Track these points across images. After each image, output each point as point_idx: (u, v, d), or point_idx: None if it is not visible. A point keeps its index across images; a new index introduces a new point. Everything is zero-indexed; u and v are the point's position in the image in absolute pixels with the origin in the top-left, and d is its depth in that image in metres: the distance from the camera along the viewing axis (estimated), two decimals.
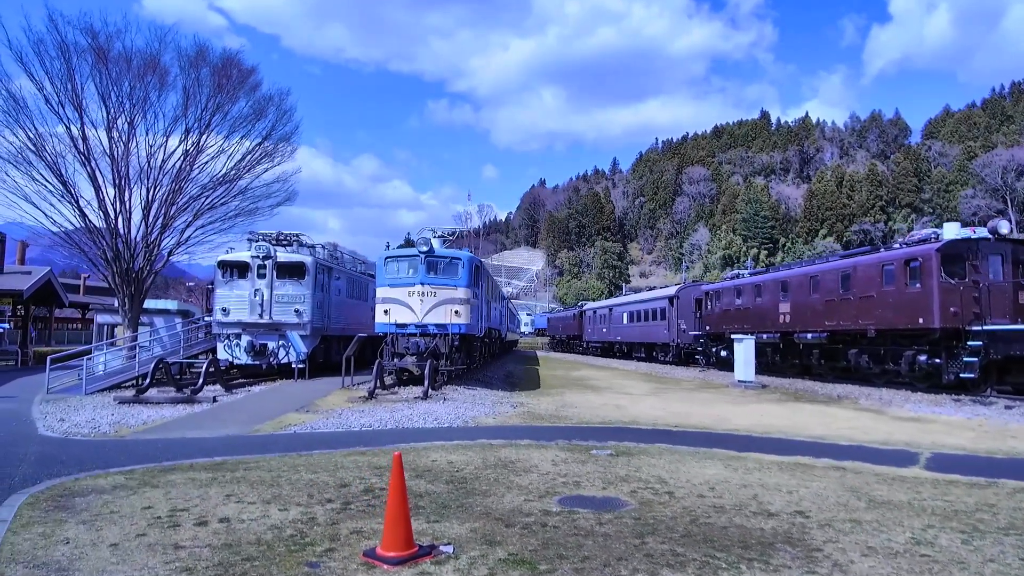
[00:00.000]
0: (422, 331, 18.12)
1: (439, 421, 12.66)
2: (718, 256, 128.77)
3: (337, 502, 6.57)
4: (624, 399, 17.77)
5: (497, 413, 13.91)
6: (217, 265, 20.45)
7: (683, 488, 7.33)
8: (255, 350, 19.66)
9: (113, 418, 12.63)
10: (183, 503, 6.50)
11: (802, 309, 21.92)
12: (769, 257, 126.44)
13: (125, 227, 22.46)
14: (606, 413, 14.52)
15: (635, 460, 9.01)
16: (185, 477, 7.77)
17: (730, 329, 26.77)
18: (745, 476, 8.04)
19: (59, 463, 8.65)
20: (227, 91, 23.40)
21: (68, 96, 21.42)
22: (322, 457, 9.10)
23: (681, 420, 13.56)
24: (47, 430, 11.45)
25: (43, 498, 6.78)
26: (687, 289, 32.87)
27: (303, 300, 20.14)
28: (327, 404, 14.92)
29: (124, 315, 22.78)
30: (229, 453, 9.39)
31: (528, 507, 6.46)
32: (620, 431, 12.00)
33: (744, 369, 21.65)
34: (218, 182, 23.86)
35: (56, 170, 21.45)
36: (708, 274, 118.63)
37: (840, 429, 12.39)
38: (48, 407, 14.68)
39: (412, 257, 18.67)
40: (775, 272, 25.07)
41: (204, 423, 12.21)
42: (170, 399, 15.16)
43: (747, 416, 14.26)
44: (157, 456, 9.13)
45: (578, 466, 8.55)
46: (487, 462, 8.74)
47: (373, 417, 12.93)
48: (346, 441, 10.54)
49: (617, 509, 6.43)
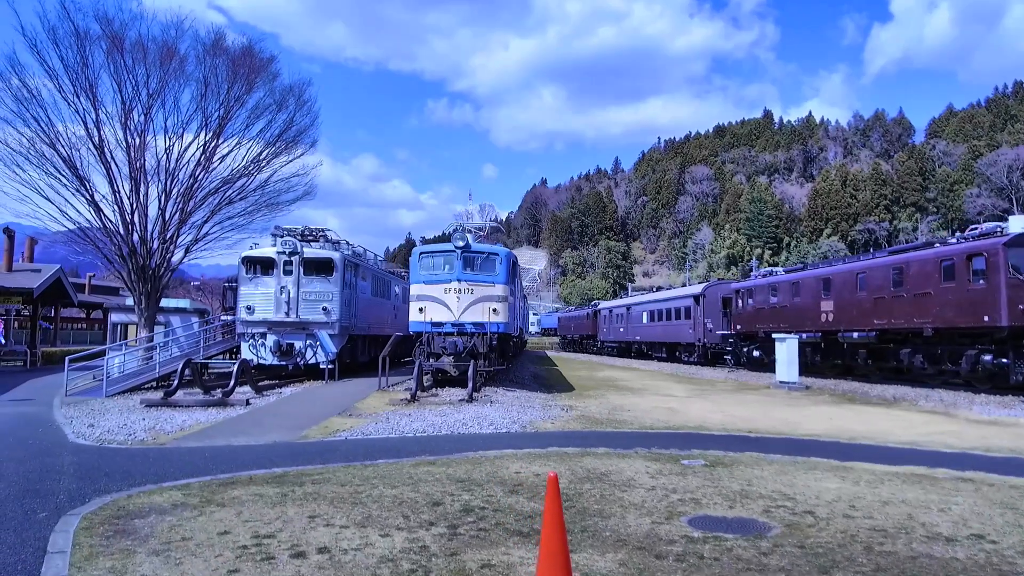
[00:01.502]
0: (459, 330, 17.25)
1: (495, 426, 11.79)
2: (722, 255, 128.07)
3: (441, 525, 5.70)
4: (671, 402, 16.92)
5: (551, 417, 13.05)
6: (241, 261, 19.53)
7: (819, 506, 6.48)
8: (281, 350, 18.75)
9: (146, 423, 11.73)
10: (264, 527, 5.63)
11: (847, 307, 21.08)
12: (773, 257, 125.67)
13: (141, 222, 21.56)
14: (663, 417, 13.68)
15: (736, 471, 8.16)
16: (250, 493, 6.90)
17: (764, 328, 25.94)
18: (873, 490, 7.20)
19: (103, 476, 7.77)
20: (245, 80, 22.50)
21: (83, 87, 20.54)
22: (391, 468, 8.23)
23: (748, 425, 12.72)
24: (78, 437, 10.56)
25: (98, 520, 5.91)
26: (714, 287, 32.01)
27: (331, 298, 19.23)
28: (368, 407, 14.04)
29: (140, 314, 21.89)
30: (286, 463, 8.52)
31: (662, 531, 5.60)
32: (691, 437, 11.17)
33: (787, 370, 20.82)
34: (237, 176, 22.97)
35: (70, 162, 20.56)
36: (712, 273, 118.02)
37: (926, 434, 11.58)
38: (71, 411, 13.79)
39: (448, 252, 17.80)
40: (815, 269, 24.23)
41: (246, 429, 11.32)
42: (200, 402, 14.27)
43: (815, 420, 13.44)
44: (208, 467, 8.26)
45: (679, 479, 7.71)
46: (576, 474, 7.89)
47: (423, 421, 12.06)
48: (407, 449, 9.67)
49: (766, 533, 5.58)
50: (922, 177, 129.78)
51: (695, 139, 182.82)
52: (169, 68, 21.35)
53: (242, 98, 22.56)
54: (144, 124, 21.50)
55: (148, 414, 13.01)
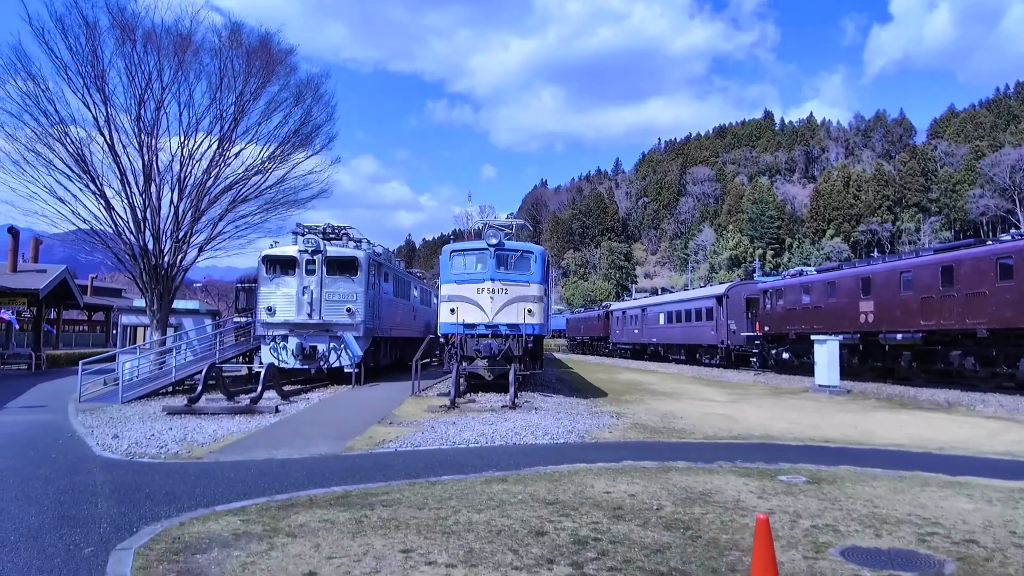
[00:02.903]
0: (493, 332, 16.42)
1: (550, 436, 10.95)
2: (725, 256, 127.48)
3: (561, 563, 4.86)
4: (717, 407, 16.09)
5: (604, 426, 12.21)
6: (261, 260, 18.64)
7: (975, 533, 5.67)
8: (304, 353, 17.86)
9: (174, 433, 10.85)
10: (354, 565, 4.78)
11: (889, 307, 20.28)
12: (775, 258, 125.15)
13: (154, 219, 20.67)
14: (721, 425, 12.85)
15: (847, 489, 7.34)
16: (317, 518, 6.06)
17: (795, 329, 25.14)
18: (1015, 511, 6.40)
19: (144, 498, 6.90)
20: (263, 73, 21.63)
21: (92, 79, 19.64)
22: (461, 486, 7.38)
23: (817, 433, 11.91)
24: (104, 449, 9.67)
25: (154, 557, 5.05)
26: (737, 288, 31.19)
27: (355, 299, 18.35)
28: (407, 414, 13.18)
29: (152, 316, 20.99)
30: (342, 480, 7.67)
31: (824, 568, 4.78)
32: (766, 448, 10.36)
33: (827, 373, 20.02)
34: (253, 172, 22.10)
35: (80, 157, 19.66)
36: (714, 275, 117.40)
37: (1015, 443, 10.80)
38: (89, 419, 12.89)
39: (480, 251, 16.97)
40: (851, 268, 23.42)
41: (285, 439, 10.45)
42: (226, 409, 13.39)
43: (885, 427, 12.63)
44: (258, 486, 7.41)
45: (791, 499, 6.88)
46: (674, 494, 7.06)
47: (472, 431, 11.20)
48: (467, 462, 8.82)
49: (943, 570, 4.76)
50: (924, 178, 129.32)
51: (696, 140, 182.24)
52: (183, 58, 20.48)
53: (258, 91, 21.72)
54: (157, 117, 20.63)
55: (173, 423, 12.13)
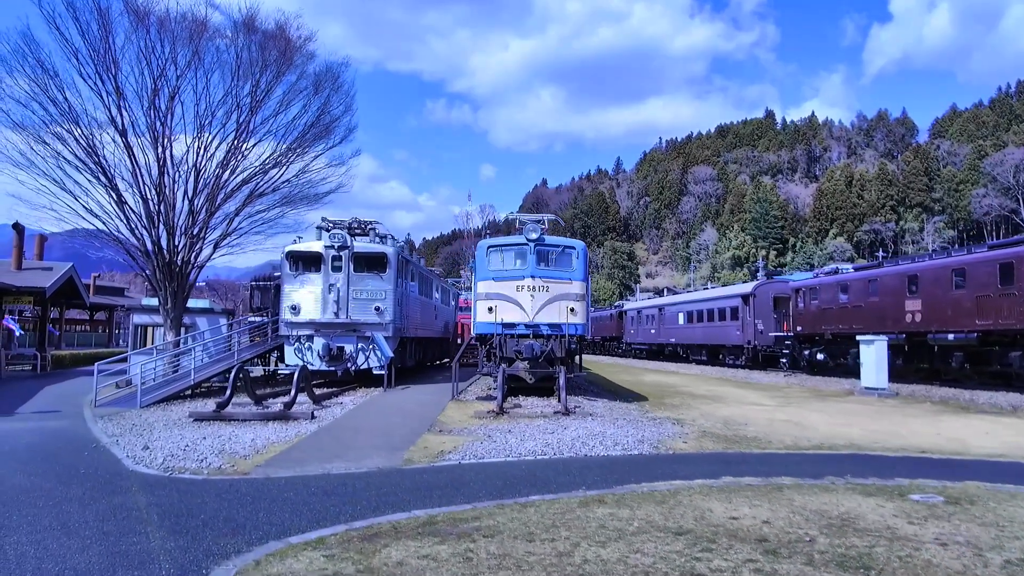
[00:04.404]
0: (534, 332, 15.49)
1: (622, 446, 10.01)
2: (728, 256, 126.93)
3: None
4: (773, 412, 15.17)
5: (671, 434, 11.26)
6: (285, 256, 17.67)
7: None
8: (331, 354, 16.89)
9: (209, 443, 9.87)
10: None
11: (940, 306, 19.40)
12: (779, 257, 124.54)
13: (168, 214, 19.67)
14: (792, 432, 11.92)
15: (1001, 511, 6.43)
16: (413, 554, 5.10)
17: (831, 329, 24.26)
18: None
19: (200, 525, 5.93)
20: (280, 61, 20.64)
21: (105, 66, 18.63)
22: (557, 508, 6.43)
23: (903, 442, 10.99)
24: (137, 463, 8.68)
25: None
26: (765, 286, 30.29)
27: (384, 296, 17.39)
28: (454, 421, 12.22)
29: (166, 315, 19.98)
30: (418, 500, 6.71)
31: None
32: (865, 460, 9.45)
33: (875, 374, 19.08)
34: (271, 164, 21.12)
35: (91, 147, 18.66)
36: (718, 274, 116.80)
37: None
38: (110, 426, 11.91)
39: (520, 246, 16.05)
40: (892, 265, 22.53)
41: (333, 450, 9.47)
42: (257, 415, 12.42)
43: (973, 435, 11.70)
44: (326, 509, 6.45)
45: (945, 524, 5.96)
46: (812, 520, 6.12)
47: (534, 440, 10.24)
48: (551, 479, 7.86)
49: None
50: (928, 177, 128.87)
51: (697, 139, 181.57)
52: (199, 45, 19.49)
53: (276, 80, 20.72)
54: (171, 106, 19.63)
55: (204, 431, 11.14)
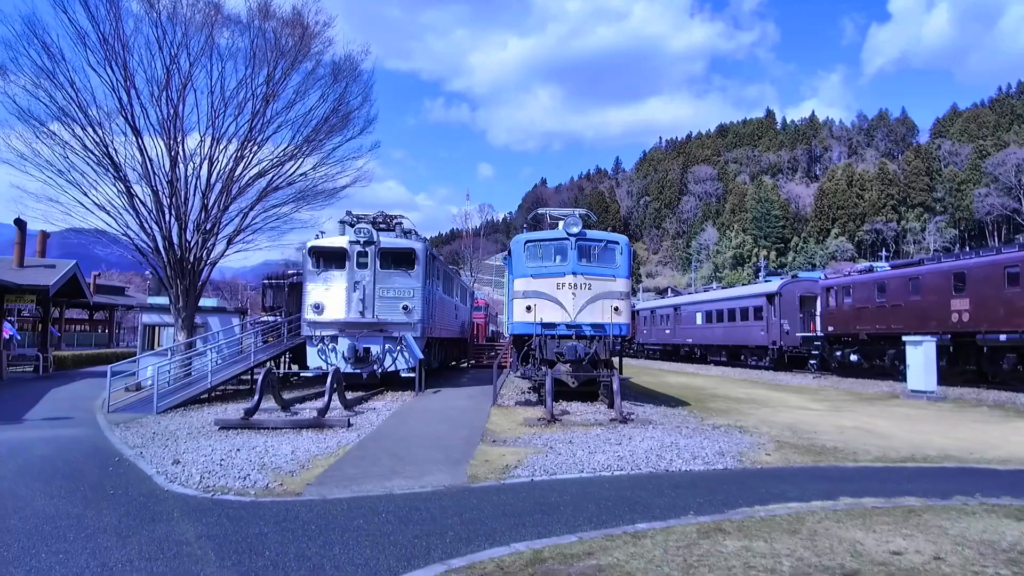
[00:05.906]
0: (576, 332, 14.53)
1: (701, 459, 9.05)
2: (729, 256, 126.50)
3: None
4: (831, 417, 14.26)
5: (747, 445, 10.30)
6: (307, 252, 16.67)
7: None
8: (357, 356, 15.90)
9: (245, 456, 8.86)
10: None
11: (990, 305, 18.54)
12: (780, 257, 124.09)
13: (181, 208, 18.65)
14: (871, 441, 11.01)
15: None
16: None
17: (867, 330, 23.38)
18: None
19: (269, 566, 4.93)
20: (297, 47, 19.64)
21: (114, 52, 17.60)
22: (676, 539, 5.47)
23: (1002, 453, 10.09)
24: (171, 481, 7.66)
25: None
26: (791, 284, 29.38)
27: (413, 295, 16.40)
28: (504, 430, 11.25)
29: (177, 314, 18.95)
30: (509, 530, 5.72)
31: None
32: (976, 474, 8.58)
33: (923, 377, 18.24)
34: (287, 157, 20.12)
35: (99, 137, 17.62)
36: (719, 274, 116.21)
37: None
38: (129, 435, 10.89)
39: (560, 241, 15.08)
40: (936, 263, 21.65)
41: (385, 464, 8.47)
42: (288, 423, 11.42)
43: None
44: (409, 541, 5.46)
45: None
46: (986, 555, 5.22)
47: (603, 452, 9.27)
48: (645, 501, 6.90)
49: None
50: (929, 177, 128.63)
51: (697, 139, 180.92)
52: (212, 30, 18.48)
53: (294, 66, 19.71)
54: (183, 94, 18.61)
55: (234, 441, 10.13)
